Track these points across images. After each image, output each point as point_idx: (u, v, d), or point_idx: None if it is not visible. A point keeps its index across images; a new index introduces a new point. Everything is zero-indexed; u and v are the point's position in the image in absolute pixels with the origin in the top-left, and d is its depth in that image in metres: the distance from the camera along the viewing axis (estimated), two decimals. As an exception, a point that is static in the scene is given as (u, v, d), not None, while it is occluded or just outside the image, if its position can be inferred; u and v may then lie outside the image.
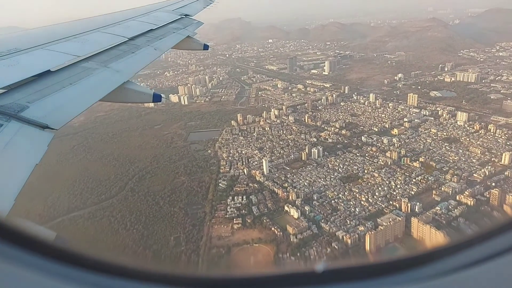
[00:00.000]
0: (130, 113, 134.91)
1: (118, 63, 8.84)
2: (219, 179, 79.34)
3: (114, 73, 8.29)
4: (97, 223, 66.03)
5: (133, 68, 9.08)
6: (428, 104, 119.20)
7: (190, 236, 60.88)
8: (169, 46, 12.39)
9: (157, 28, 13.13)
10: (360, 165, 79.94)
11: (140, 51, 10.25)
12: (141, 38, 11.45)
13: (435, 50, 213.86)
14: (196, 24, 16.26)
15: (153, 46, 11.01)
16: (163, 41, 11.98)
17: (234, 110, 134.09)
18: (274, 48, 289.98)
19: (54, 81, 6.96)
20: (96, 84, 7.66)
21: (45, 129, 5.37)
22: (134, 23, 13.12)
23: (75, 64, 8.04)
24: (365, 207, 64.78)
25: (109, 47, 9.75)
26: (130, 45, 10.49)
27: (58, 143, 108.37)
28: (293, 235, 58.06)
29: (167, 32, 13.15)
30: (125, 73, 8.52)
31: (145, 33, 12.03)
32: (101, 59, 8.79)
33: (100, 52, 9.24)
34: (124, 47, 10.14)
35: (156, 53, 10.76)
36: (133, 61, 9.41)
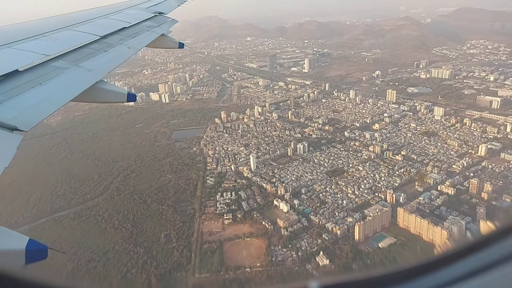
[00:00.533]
0: (110, 112, 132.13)
1: (90, 62, 8.60)
2: (206, 176, 79.25)
3: (86, 72, 8.07)
4: (83, 222, 64.67)
5: (106, 67, 8.84)
6: (406, 100, 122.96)
7: (181, 232, 60.65)
8: (143, 44, 12.23)
9: (130, 26, 12.85)
10: (345, 159, 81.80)
11: (113, 49, 10.01)
12: (114, 37, 11.19)
13: (410, 48, 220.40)
14: (171, 22, 15.98)
15: (126, 45, 10.75)
16: (136, 39, 11.72)
17: (216, 107, 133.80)
18: (252, 46, 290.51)
19: (23, 81, 6.71)
20: (67, 83, 7.44)
21: (14, 131, 5.15)
22: (106, 21, 12.85)
23: (44, 64, 7.79)
24: (352, 199, 66.46)
25: (80, 46, 9.46)
26: (102, 43, 10.24)
27: (36, 143, 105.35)
28: (283, 228, 58.91)
29: (140, 30, 12.90)
30: (98, 72, 8.29)
31: (117, 31, 11.76)
32: (72, 58, 8.53)
33: (71, 51, 8.97)
34: (96, 46, 9.88)
35: (130, 51, 10.48)
36: (105, 60, 9.17)
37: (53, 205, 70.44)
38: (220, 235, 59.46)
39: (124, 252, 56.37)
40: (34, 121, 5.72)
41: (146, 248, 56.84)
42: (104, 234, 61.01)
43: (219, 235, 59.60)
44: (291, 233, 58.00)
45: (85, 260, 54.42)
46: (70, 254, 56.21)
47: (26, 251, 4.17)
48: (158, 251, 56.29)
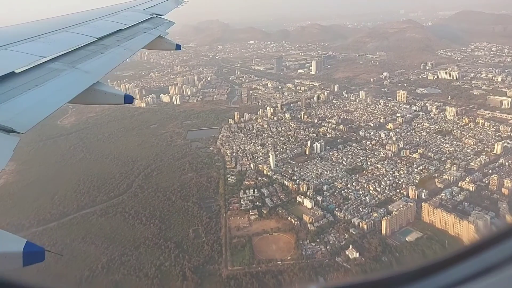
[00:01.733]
0: (123, 114, 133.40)
1: (86, 64, 8.59)
2: (227, 174, 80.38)
3: (83, 74, 8.07)
4: (111, 219, 65.79)
5: (102, 69, 8.83)
6: (416, 100, 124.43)
7: (208, 228, 61.75)
8: (140, 46, 12.17)
9: (127, 28, 12.79)
10: (363, 158, 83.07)
11: (110, 51, 10.00)
12: (111, 38, 11.15)
13: (415, 50, 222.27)
14: (168, 24, 15.83)
15: (123, 46, 10.73)
16: (133, 41, 11.69)
17: (228, 109, 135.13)
18: (256, 49, 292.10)
19: (19, 83, 6.67)
20: (63, 85, 7.41)
21: (11, 133, 5.11)
22: (103, 23, 12.79)
23: (41, 65, 7.75)
24: (375, 196, 67.69)
25: (76, 48, 9.42)
26: (99, 45, 10.21)
27: (53, 144, 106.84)
28: (310, 224, 60.06)
29: (137, 32, 12.85)
30: (95, 74, 8.28)
31: (114, 33, 11.71)
32: (68, 60, 8.52)
33: (68, 53, 8.93)
34: (93, 47, 9.86)
35: (127, 53, 10.46)
36: (102, 62, 9.16)
37: (78, 202, 71.47)
38: (248, 230, 60.60)
39: (155, 246, 57.47)
40: (31, 123, 5.65)
41: (177, 243, 57.95)
42: (133, 230, 62.11)
43: (247, 230, 60.74)
44: (318, 228, 59.14)
45: (118, 254, 55.50)
46: (102, 248, 57.42)
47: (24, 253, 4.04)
48: (189, 245, 57.42)
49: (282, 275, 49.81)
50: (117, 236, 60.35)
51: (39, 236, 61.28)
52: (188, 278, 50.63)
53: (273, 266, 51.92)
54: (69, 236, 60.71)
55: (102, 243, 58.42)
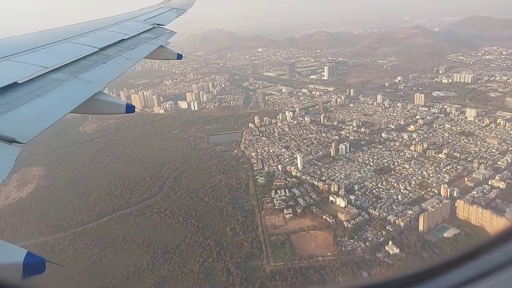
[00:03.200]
0: (143, 120, 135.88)
1: (89, 74, 8.67)
2: (255, 175, 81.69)
3: (85, 84, 8.14)
4: (148, 219, 67.19)
5: (104, 79, 8.93)
6: (434, 103, 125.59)
7: (245, 226, 62.92)
8: (142, 56, 12.29)
9: (129, 38, 12.93)
10: (389, 158, 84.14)
11: (112, 61, 10.09)
12: (113, 48, 11.29)
13: (425, 55, 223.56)
14: (169, 34, 15.97)
15: (125, 56, 10.86)
16: (135, 51, 11.84)
17: (246, 114, 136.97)
18: (265, 56, 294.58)
19: (21, 94, 6.74)
20: (66, 95, 7.48)
21: (13, 143, 5.16)
22: (105, 33, 12.92)
23: (43, 76, 7.85)
24: (406, 194, 68.64)
25: (79, 58, 9.54)
26: (101, 55, 10.35)
27: (78, 149, 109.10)
28: (346, 221, 61.07)
29: (139, 42, 12.97)
30: (97, 83, 8.38)
31: (116, 43, 11.86)
32: (71, 70, 8.61)
33: (70, 63, 9.03)
34: (95, 58, 9.97)
35: (128, 63, 10.60)
36: (104, 72, 9.26)
37: (113, 204, 72.99)
38: (284, 229, 61.69)
39: (195, 244, 58.68)
40: (33, 133, 5.69)
41: (216, 241, 59.13)
42: (171, 229, 63.41)
43: (283, 228, 61.84)
44: (354, 225, 60.13)
45: (161, 251, 56.78)
46: (144, 246, 58.76)
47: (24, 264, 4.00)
48: (228, 243, 58.58)
49: (325, 270, 50.76)
50: (156, 235, 61.67)
51: (79, 236, 62.87)
52: (233, 273, 51.72)
53: (315, 262, 52.91)
54: (110, 236, 62.12)
55: (143, 241, 59.75)
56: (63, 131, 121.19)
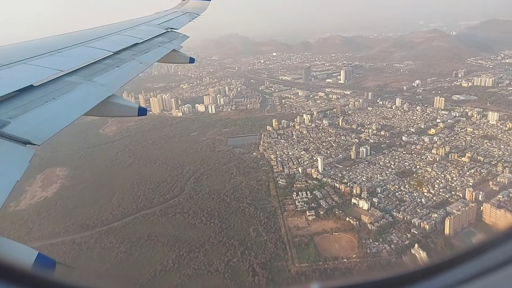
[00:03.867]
0: (161, 122, 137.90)
1: (102, 77, 8.80)
2: (276, 177, 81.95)
3: (98, 87, 8.27)
4: (171, 219, 68.09)
5: (118, 82, 9.03)
6: (454, 107, 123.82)
7: (268, 227, 63.21)
8: (155, 59, 12.44)
9: (142, 42, 13.12)
10: (411, 162, 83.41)
11: (125, 65, 10.24)
12: (126, 52, 11.45)
13: (443, 59, 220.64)
14: (182, 38, 16.10)
15: (138, 60, 11.02)
16: (148, 54, 12.00)
17: (263, 117, 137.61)
18: (280, 60, 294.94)
19: (37, 96, 6.85)
20: (80, 98, 7.61)
21: (27, 145, 5.22)
22: (119, 37, 13.09)
23: (58, 79, 7.97)
24: (430, 198, 67.92)
25: (93, 61, 9.70)
26: (115, 59, 10.47)
27: (100, 151, 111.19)
28: (369, 224, 60.79)
29: (152, 46, 13.14)
30: (110, 87, 8.48)
31: (130, 47, 12.03)
32: (85, 73, 8.75)
33: (85, 66, 9.19)
34: (109, 61, 10.13)
35: (142, 66, 10.77)
36: (118, 75, 9.39)
37: (137, 204, 74.21)
38: (307, 230, 61.75)
39: (219, 244, 59.23)
40: (47, 135, 5.77)
41: (240, 241, 59.58)
42: (194, 229, 64.13)
43: (306, 230, 61.90)
44: (378, 228, 59.82)
45: (186, 250, 57.49)
46: (169, 245, 59.58)
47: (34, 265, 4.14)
48: (252, 243, 58.96)
49: (351, 272, 50.59)
50: (180, 234, 62.46)
51: (105, 235, 64.12)
52: (258, 273, 52.01)
53: (340, 263, 52.82)
54: (135, 235, 63.19)
55: (168, 240, 60.58)
56: (84, 133, 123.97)
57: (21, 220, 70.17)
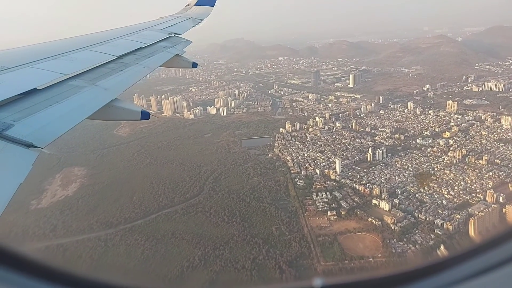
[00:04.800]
0: (174, 124, 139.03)
1: (106, 81, 8.88)
2: (293, 178, 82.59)
3: (102, 91, 8.33)
4: (194, 217, 68.74)
5: (121, 86, 9.10)
6: (466, 111, 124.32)
7: (290, 226, 63.77)
8: (158, 64, 12.54)
9: (146, 46, 13.22)
10: (428, 164, 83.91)
11: (129, 69, 10.34)
12: (130, 56, 11.54)
13: (451, 64, 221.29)
14: (185, 43, 16.26)
15: (141, 64, 11.12)
16: (151, 59, 12.13)
17: (275, 119, 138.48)
18: (286, 65, 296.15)
19: (40, 99, 6.89)
20: (83, 102, 7.68)
21: (30, 148, 5.26)
22: (123, 42, 13.21)
23: (62, 82, 8.02)
24: (450, 199, 68.38)
25: (97, 65, 9.78)
26: (119, 63, 10.57)
27: (116, 151, 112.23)
28: (392, 224, 61.27)
29: (155, 51, 13.26)
30: (113, 90, 8.56)
31: (133, 52, 12.14)
32: (89, 77, 8.82)
33: (88, 70, 9.26)
34: (113, 65, 10.21)
35: (145, 71, 10.88)
36: (121, 79, 9.49)
37: (158, 203, 74.95)
38: (330, 230, 62.26)
39: (243, 242, 59.82)
40: (50, 138, 5.82)
41: (263, 239, 60.14)
42: (217, 227, 64.75)
43: (329, 229, 62.42)
44: (402, 228, 60.30)
45: (211, 248, 58.11)
46: (194, 243, 60.28)
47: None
48: (276, 241, 59.49)
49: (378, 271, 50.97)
50: (204, 232, 63.08)
51: (129, 232, 64.86)
52: (285, 271, 52.55)
53: (366, 262, 53.26)
54: (159, 232, 63.86)
55: (192, 238, 61.22)
56: (98, 134, 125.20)
57: (45, 218, 71.04)
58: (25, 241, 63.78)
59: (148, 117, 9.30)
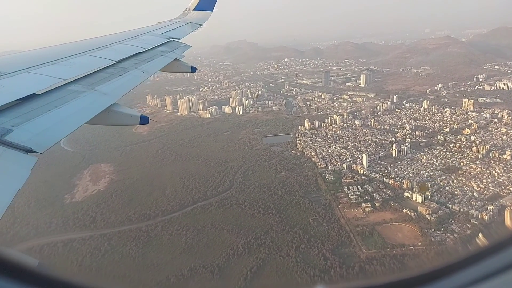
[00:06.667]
0: (192, 123, 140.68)
1: (105, 86, 8.89)
2: (322, 173, 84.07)
3: (101, 96, 8.34)
4: (229, 209, 70.24)
5: (120, 91, 9.09)
6: (482, 109, 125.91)
7: (327, 218, 65.27)
8: (157, 68, 12.55)
9: (145, 51, 13.30)
10: (453, 159, 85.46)
11: (128, 73, 10.36)
12: (129, 61, 11.57)
13: (460, 64, 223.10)
14: (184, 47, 16.32)
15: (140, 69, 11.14)
16: (150, 64, 12.16)
17: (291, 118, 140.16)
18: (293, 66, 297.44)
19: (39, 105, 6.89)
20: (82, 106, 7.67)
21: (29, 153, 5.25)
22: (122, 46, 13.26)
23: (61, 87, 8.01)
24: (481, 191, 69.85)
25: (96, 70, 9.78)
26: (118, 68, 10.58)
27: (139, 148, 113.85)
28: (428, 215, 62.73)
29: (154, 55, 13.30)
30: (112, 95, 8.57)
31: (132, 56, 12.17)
32: (88, 82, 8.83)
33: (87, 75, 9.25)
34: (112, 70, 10.22)
35: (144, 75, 10.88)
36: (120, 84, 9.49)
37: (191, 196, 76.42)
38: (366, 221, 63.74)
39: (283, 232, 61.32)
40: (49, 143, 5.81)
41: (302, 229, 61.61)
42: (254, 218, 66.23)
43: (365, 220, 63.91)
44: (437, 218, 61.74)
45: (252, 237, 59.60)
46: (234, 232, 61.74)
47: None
48: (315, 232, 60.99)
49: (421, 258, 52.46)
50: (242, 223, 64.59)
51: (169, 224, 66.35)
52: (329, 258, 53.96)
53: (407, 250, 54.73)
54: (198, 223, 65.34)
55: (232, 228, 62.72)
56: (118, 132, 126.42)
57: (82, 211, 72.46)
58: (67, 231, 65.31)
59: (147, 121, 9.21)
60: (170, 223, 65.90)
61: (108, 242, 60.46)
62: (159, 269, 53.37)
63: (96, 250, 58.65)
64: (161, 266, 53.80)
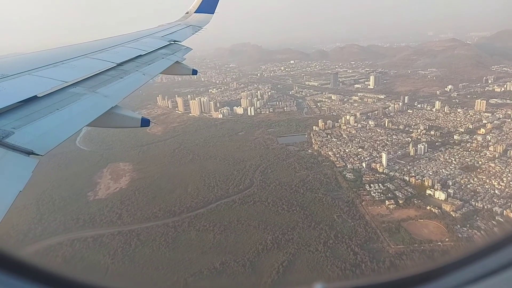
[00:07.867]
0: (205, 123, 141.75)
1: (106, 88, 8.91)
2: (341, 171, 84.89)
3: (102, 98, 8.36)
4: (253, 206, 71.09)
5: (121, 93, 9.13)
6: (495, 109, 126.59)
7: (351, 215, 66.05)
8: (158, 71, 12.59)
9: (146, 53, 13.33)
10: (471, 158, 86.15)
11: (129, 76, 10.39)
12: (130, 64, 11.61)
13: (468, 66, 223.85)
14: (185, 50, 16.40)
15: (141, 71, 11.19)
16: (151, 66, 12.21)
17: (303, 118, 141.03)
18: (299, 68, 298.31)
19: (41, 107, 6.91)
20: (83, 109, 7.71)
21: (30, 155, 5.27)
22: (123, 49, 13.31)
23: (62, 90, 8.03)
24: (502, 189, 70.52)
25: (97, 73, 9.80)
26: (119, 70, 10.60)
27: (155, 148, 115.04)
28: (452, 212, 63.44)
29: (155, 58, 13.37)
30: (113, 98, 8.60)
31: (133, 59, 12.23)
32: (89, 85, 8.85)
33: (88, 78, 9.28)
34: (113, 73, 10.25)
35: (145, 78, 10.92)
36: (121, 86, 9.53)
37: (214, 193, 77.32)
38: (391, 217, 64.51)
39: (309, 228, 62.12)
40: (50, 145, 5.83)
41: (328, 225, 62.42)
42: (279, 215, 67.07)
43: (390, 217, 64.67)
44: (462, 215, 62.42)
45: (280, 233, 60.44)
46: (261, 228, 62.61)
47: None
48: (341, 228, 61.77)
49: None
50: (268, 219, 65.41)
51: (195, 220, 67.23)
52: (359, 253, 54.73)
53: (435, 246, 55.45)
54: (224, 219, 66.20)
55: (259, 224, 63.57)
56: (132, 132, 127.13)
57: (107, 207, 73.42)
58: (95, 227, 66.29)
59: (148, 124, 9.17)
60: (196, 219, 66.77)
61: (137, 237, 61.38)
62: (191, 262, 54.26)
63: (126, 244, 59.57)
64: (192, 260, 54.67)
